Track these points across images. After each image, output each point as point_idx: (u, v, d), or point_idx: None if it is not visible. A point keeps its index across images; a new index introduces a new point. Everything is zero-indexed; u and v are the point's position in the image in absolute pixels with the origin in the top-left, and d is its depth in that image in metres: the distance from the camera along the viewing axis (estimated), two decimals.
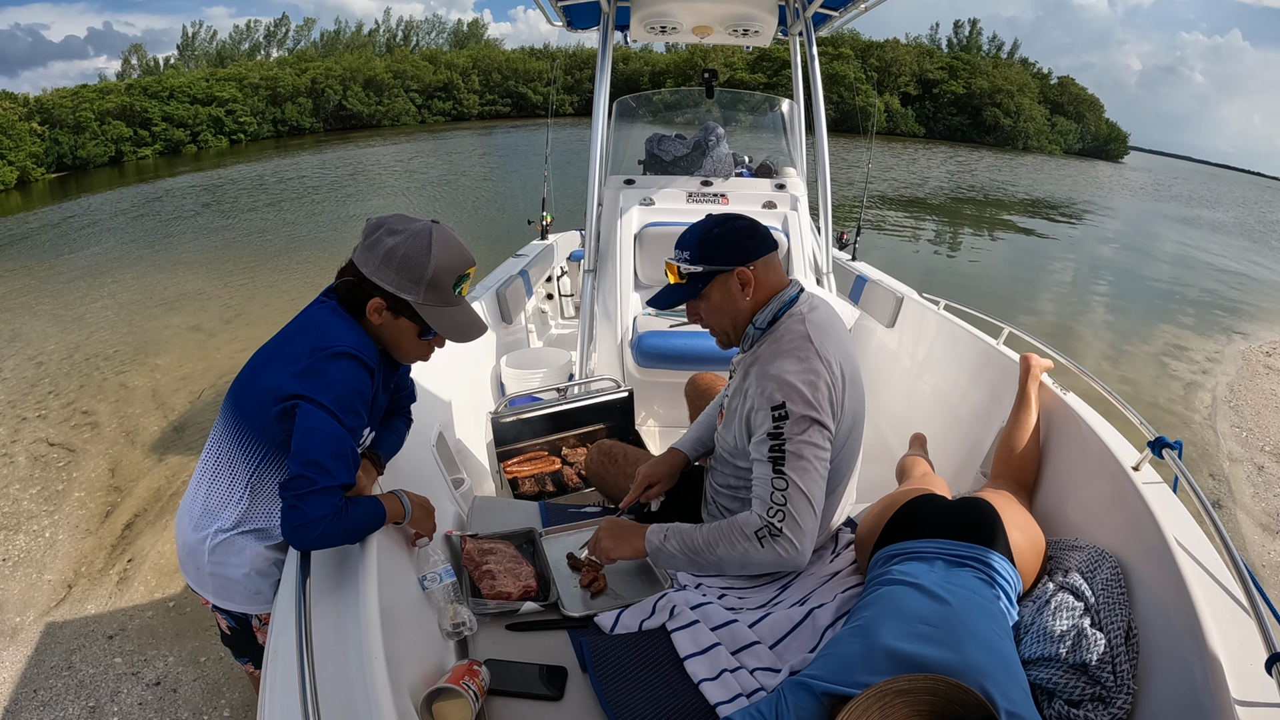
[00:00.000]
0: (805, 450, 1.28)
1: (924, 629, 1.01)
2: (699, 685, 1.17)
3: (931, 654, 0.93)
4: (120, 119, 32.04)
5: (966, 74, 48.33)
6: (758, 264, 1.41)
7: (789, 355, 1.34)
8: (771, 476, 1.29)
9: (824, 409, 1.30)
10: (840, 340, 1.41)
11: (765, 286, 1.43)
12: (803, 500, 1.27)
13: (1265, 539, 3.60)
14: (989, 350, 2.19)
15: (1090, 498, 1.51)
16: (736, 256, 1.40)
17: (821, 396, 1.30)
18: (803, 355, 1.33)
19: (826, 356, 1.34)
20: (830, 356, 1.34)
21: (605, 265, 3.06)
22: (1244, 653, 0.98)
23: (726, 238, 1.41)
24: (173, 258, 9.71)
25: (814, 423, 1.29)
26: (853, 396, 1.39)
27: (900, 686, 0.78)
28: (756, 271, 1.41)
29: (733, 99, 4.12)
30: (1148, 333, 7.49)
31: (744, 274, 1.40)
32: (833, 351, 1.35)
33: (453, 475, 1.90)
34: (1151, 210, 21.84)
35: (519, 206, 12.59)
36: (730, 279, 1.41)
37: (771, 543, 1.27)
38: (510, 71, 48.18)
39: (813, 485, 1.27)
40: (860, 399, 1.44)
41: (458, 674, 1.03)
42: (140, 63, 47.44)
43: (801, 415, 1.28)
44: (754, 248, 1.42)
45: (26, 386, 5.13)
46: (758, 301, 1.43)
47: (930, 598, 1.09)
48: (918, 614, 1.05)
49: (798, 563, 1.29)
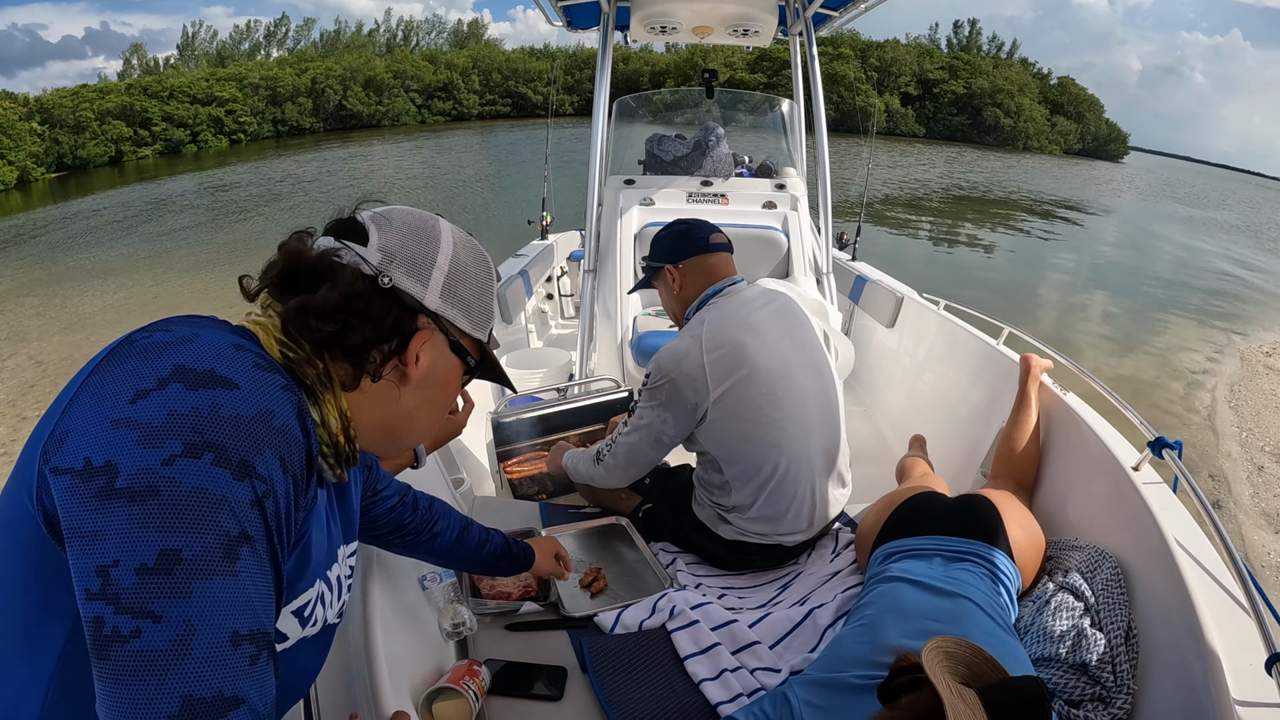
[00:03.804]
0: (645, 414, 1.54)
1: (929, 625, 1.01)
2: (700, 685, 1.17)
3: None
4: (120, 119, 32.07)
5: (966, 74, 48.35)
6: (686, 263, 1.62)
7: (681, 336, 1.56)
8: (623, 423, 1.60)
9: (676, 384, 1.49)
10: (753, 326, 1.52)
11: (692, 283, 1.63)
12: (624, 445, 1.58)
13: (1265, 539, 3.60)
14: (989, 350, 2.19)
15: (1090, 498, 1.51)
16: (668, 255, 1.64)
17: (677, 375, 1.49)
18: (685, 337, 1.53)
19: (706, 337, 1.50)
20: (713, 339, 1.49)
21: (605, 265, 3.06)
22: (1244, 653, 0.98)
23: (664, 239, 1.66)
24: (173, 257, 9.71)
25: (661, 392, 1.51)
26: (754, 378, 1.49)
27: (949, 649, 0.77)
28: (684, 270, 1.62)
29: (733, 99, 4.12)
30: (1148, 333, 7.49)
31: (671, 271, 1.64)
32: (723, 335, 1.50)
33: (453, 475, 1.90)
34: (1151, 210, 21.84)
35: (519, 206, 12.59)
36: (665, 275, 1.65)
37: (599, 465, 1.63)
38: (510, 71, 48.20)
39: (637, 438, 1.56)
40: (788, 382, 1.53)
41: (458, 674, 1.03)
42: (140, 63, 47.48)
43: (655, 386, 1.52)
44: (683, 248, 1.62)
45: (26, 386, 5.13)
46: (688, 295, 1.64)
47: (932, 593, 1.09)
48: (921, 610, 1.05)
49: (616, 481, 1.65)
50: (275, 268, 0.63)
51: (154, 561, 0.45)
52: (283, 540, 0.53)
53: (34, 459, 0.49)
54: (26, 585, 0.50)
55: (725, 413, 1.49)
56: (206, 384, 0.49)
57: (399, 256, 0.64)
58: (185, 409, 0.48)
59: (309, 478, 0.56)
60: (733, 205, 3.21)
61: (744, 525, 1.55)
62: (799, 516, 1.55)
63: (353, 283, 0.62)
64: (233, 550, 0.47)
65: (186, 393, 0.48)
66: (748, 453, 1.51)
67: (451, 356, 0.70)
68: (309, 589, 0.64)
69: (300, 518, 0.56)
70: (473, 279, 0.70)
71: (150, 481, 0.45)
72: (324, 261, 0.62)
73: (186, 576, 0.45)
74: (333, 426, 0.61)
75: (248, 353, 0.54)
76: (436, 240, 0.68)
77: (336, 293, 0.60)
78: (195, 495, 0.46)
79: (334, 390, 0.61)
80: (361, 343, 0.62)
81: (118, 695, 0.44)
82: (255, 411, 0.50)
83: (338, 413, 0.61)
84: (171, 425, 0.47)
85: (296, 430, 0.53)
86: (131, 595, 0.44)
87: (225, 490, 0.47)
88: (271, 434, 0.51)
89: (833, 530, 1.66)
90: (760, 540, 1.56)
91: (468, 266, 0.70)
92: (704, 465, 1.62)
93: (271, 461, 0.50)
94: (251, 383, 0.51)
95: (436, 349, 0.68)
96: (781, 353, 1.54)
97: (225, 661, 0.46)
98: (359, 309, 0.61)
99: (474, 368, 0.73)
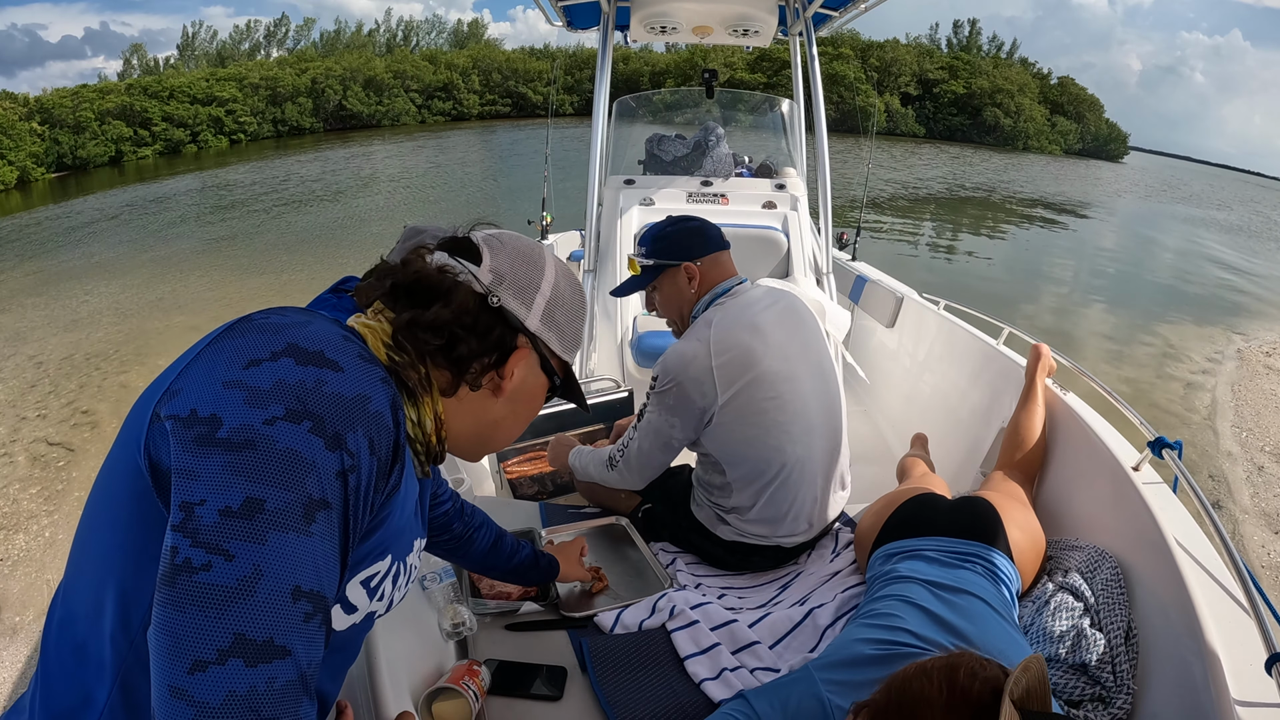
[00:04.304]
0: (654, 417, 1.52)
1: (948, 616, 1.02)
2: (701, 685, 1.17)
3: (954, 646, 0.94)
4: (120, 119, 32.06)
5: (966, 74, 48.33)
6: (704, 260, 1.57)
7: (687, 338, 1.53)
8: (632, 427, 1.58)
9: (684, 387, 1.47)
10: (758, 328, 1.50)
11: (709, 280, 1.58)
12: (636, 449, 1.56)
13: (1265, 539, 3.60)
14: (989, 350, 2.19)
15: (1090, 498, 1.51)
16: (684, 253, 1.57)
17: (685, 378, 1.46)
18: (692, 339, 1.50)
19: (714, 340, 1.47)
20: (721, 341, 1.47)
21: (605, 265, 3.06)
22: (1244, 653, 0.98)
23: (676, 235, 1.59)
24: (173, 257, 9.71)
25: (670, 396, 1.49)
26: (762, 381, 1.47)
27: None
28: (702, 267, 1.57)
29: (733, 99, 4.12)
30: (1148, 333, 7.49)
31: (690, 268, 1.57)
32: (731, 338, 1.47)
33: (453, 475, 1.90)
34: (1152, 210, 21.84)
35: (519, 206, 12.58)
36: (679, 273, 1.58)
37: (613, 470, 1.61)
38: (510, 71, 48.16)
39: (647, 442, 1.54)
40: (792, 384, 1.50)
41: (458, 674, 1.03)
42: (140, 63, 47.49)
43: (663, 389, 1.49)
44: (700, 245, 1.57)
45: (26, 386, 5.13)
46: (702, 293, 1.59)
47: (944, 590, 1.10)
48: (936, 605, 1.06)
49: (632, 486, 1.62)
50: (390, 277, 0.67)
51: (239, 506, 0.47)
52: (358, 516, 0.55)
53: (145, 414, 0.52)
54: (131, 529, 0.54)
55: (731, 416, 1.48)
56: (315, 362, 0.53)
57: (508, 279, 0.70)
58: (293, 380, 0.51)
59: (393, 464, 0.58)
60: (733, 205, 3.21)
61: (743, 526, 1.55)
62: (798, 519, 1.55)
63: (465, 300, 0.67)
64: (311, 512, 0.50)
65: (296, 366, 0.52)
66: (750, 455, 1.50)
67: (541, 375, 0.75)
68: (380, 560, 0.65)
69: (379, 501, 0.59)
70: (569, 307, 0.75)
71: (249, 436, 0.49)
72: (442, 279, 0.67)
73: (265, 525, 0.48)
74: (428, 427, 0.65)
75: (354, 344, 0.58)
76: (542, 268, 0.73)
77: (449, 310, 0.65)
78: (289, 455, 0.49)
79: (433, 394, 0.66)
80: (465, 355, 0.67)
81: (174, 620, 0.45)
82: (355, 394, 0.54)
83: (433, 415, 0.66)
84: (278, 391, 0.51)
85: (388, 419, 0.56)
86: (210, 532, 0.47)
87: (317, 456, 0.50)
88: (366, 416, 0.54)
89: (832, 530, 1.66)
90: (759, 541, 1.56)
91: (566, 295, 0.75)
92: (704, 466, 1.62)
93: (361, 441, 0.53)
94: (355, 369, 0.55)
95: (530, 366, 0.73)
96: (786, 355, 1.52)
97: (283, 611, 0.48)
98: (467, 323, 0.66)
99: (558, 386, 0.78)
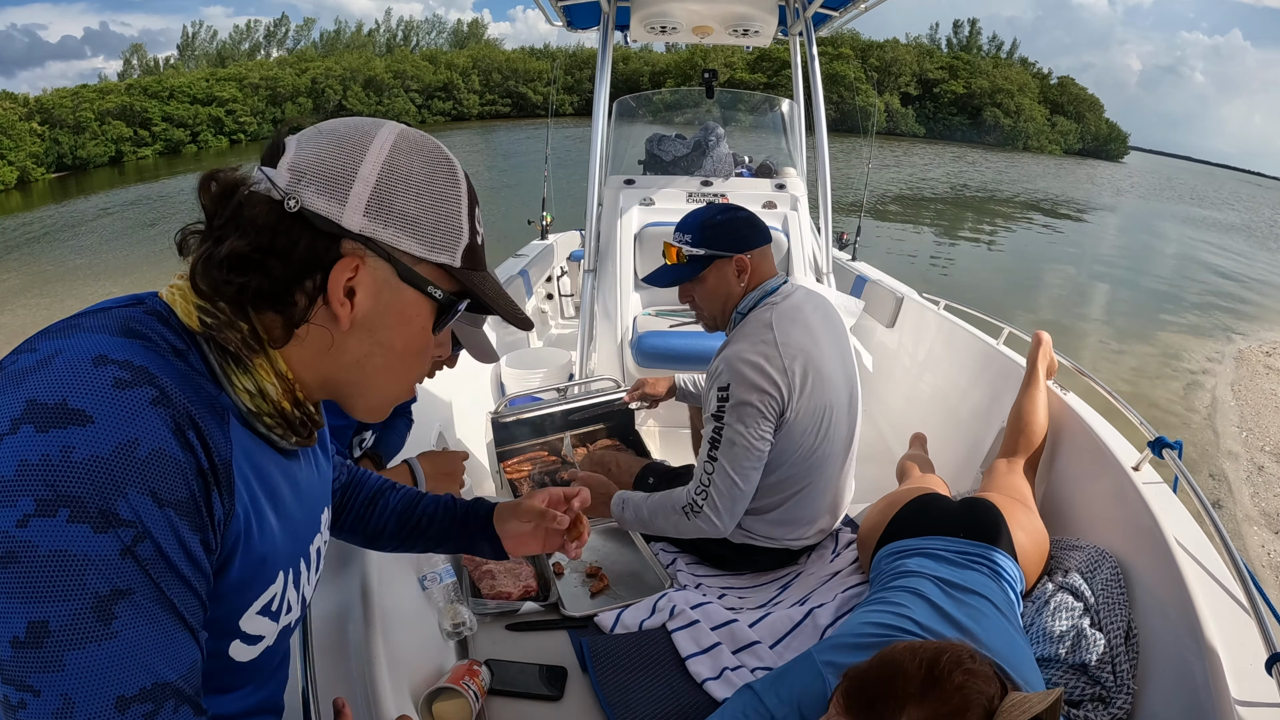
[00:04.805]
0: (739, 436, 1.35)
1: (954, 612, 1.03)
2: (703, 685, 1.17)
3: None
4: (120, 119, 32.08)
5: (966, 74, 48.35)
6: (755, 253, 1.48)
7: (745, 339, 1.40)
8: (705, 458, 1.38)
9: (768, 394, 1.34)
10: (811, 330, 1.44)
11: (758, 275, 1.49)
12: (727, 482, 1.36)
13: (1265, 539, 3.60)
14: (989, 350, 2.19)
15: (1090, 498, 1.51)
16: (737, 244, 1.46)
17: (766, 382, 1.34)
18: (756, 340, 1.38)
19: (782, 343, 1.37)
20: (788, 344, 1.37)
21: (605, 265, 3.06)
22: (1244, 653, 0.98)
23: (728, 225, 1.47)
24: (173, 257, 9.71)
25: (752, 408, 1.34)
26: (818, 385, 1.40)
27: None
28: (753, 260, 1.47)
29: (733, 99, 4.11)
30: (1148, 333, 7.49)
31: (742, 261, 1.46)
32: (795, 340, 1.39)
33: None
34: (1152, 210, 21.83)
35: (519, 206, 12.58)
36: (729, 265, 1.47)
37: (695, 517, 1.39)
38: (510, 71, 48.21)
39: (739, 469, 1.35)
40: (835, 390, 1.46)
41: (458, 674, 1.03)
42: (140, 63, 47.50)
43: (741, 401, 1.34)
44: (753, 237, 1.48)
45: None
46: (750, 288, 1.49)
47: (952, 588, 1.10)
48: (943, 602, 1.06)
49: (721, 533, 1.40)
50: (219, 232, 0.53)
51: (24, 634, 0.42)
52: (181, 571, 0.47)
53: None
54: None
55: (792, 420, 1.39)
56: (57, 422, 0.44)
57: (310, 173, 0.53)
58: (35, 458, 0.43)
59: (210, 491, 0.49)
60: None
61: (756, 529, 1.53)
62: (812, 524, 1.55)
63: (258, 214, 0.52)
64: (105, 611, 0.43)
65: (36, 436, 0.43)
66: (793, 461, 1.43)
67: (405, 288, 0.57)
68: (270, 585, 0.58)
69: (214, 537, 0.50)
70: (418, 188, 0.56)
71: (8, 548, 0.42)
72: (233, 196, 0.52)
73: (58, 648, 0.42)
74: (271, 394, 0.55)
75: (109, 366, 0.46)
76: (364, 147, 0.55)
77: (244, 236, 0.51)
78: (55, 559, 0.42)
79: (265, 352, 0.54)
80: (277, 284, 0.52)
81: None
82: (113, 447, 0.44)
83: (275, 376, 0.55)
84: (23, 479, 0.43)
85: (174, 449, 0.47)
86: (10, 668, 0.42)
87: (87, 548, 0.43)
88: (136, 468, 0.45)
89: (833, 530, 1.66)
90: (768, 544, 1.55)
91: (410, 174, 0.56)
92: None
93: (139, 500, 0.45)
94: (108, 411, 0.45)
95: (378, 281, 0.56)
96: (834, 363, 1.47)
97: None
98: (266, 244, 0.52)
99: (443, 300, 0.60)
